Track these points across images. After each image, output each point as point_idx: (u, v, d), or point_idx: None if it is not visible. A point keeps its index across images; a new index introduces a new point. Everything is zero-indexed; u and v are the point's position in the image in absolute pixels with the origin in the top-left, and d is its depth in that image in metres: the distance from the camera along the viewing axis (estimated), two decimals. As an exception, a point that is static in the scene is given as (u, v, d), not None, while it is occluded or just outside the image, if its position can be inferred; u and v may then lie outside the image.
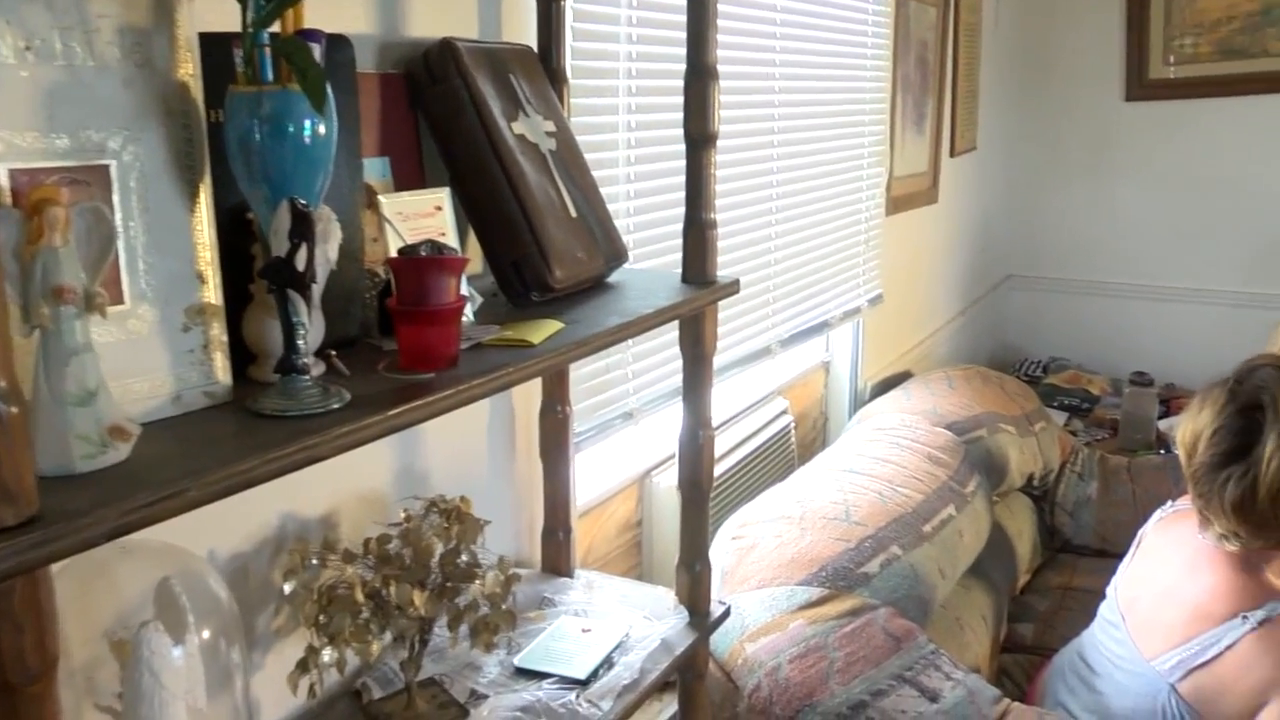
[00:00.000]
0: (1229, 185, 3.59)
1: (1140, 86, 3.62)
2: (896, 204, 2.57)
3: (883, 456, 2.00)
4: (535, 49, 1.24)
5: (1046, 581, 2.49)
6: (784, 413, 2.18)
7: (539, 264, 1.08)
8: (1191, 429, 1.48)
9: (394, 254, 0.87)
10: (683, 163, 1.17)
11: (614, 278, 1.24)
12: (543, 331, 0.96)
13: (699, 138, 1.17)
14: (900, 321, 2.81)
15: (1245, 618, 1.39)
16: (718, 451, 1.94)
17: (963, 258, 3.38)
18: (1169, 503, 1.69)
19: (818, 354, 2.48)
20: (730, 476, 1.95)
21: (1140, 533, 1.69)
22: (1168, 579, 1.54)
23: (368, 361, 0.86)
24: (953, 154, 3.05)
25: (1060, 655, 1.79)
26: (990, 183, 3.61)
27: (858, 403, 2.50)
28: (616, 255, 1.22)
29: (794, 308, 2.07)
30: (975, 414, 2.36)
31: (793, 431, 2.21)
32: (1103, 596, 1.70)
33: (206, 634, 0.81)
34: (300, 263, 0.73)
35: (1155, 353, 3.66)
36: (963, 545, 1.95)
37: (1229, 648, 1.40)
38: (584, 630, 1.20)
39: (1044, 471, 2.60)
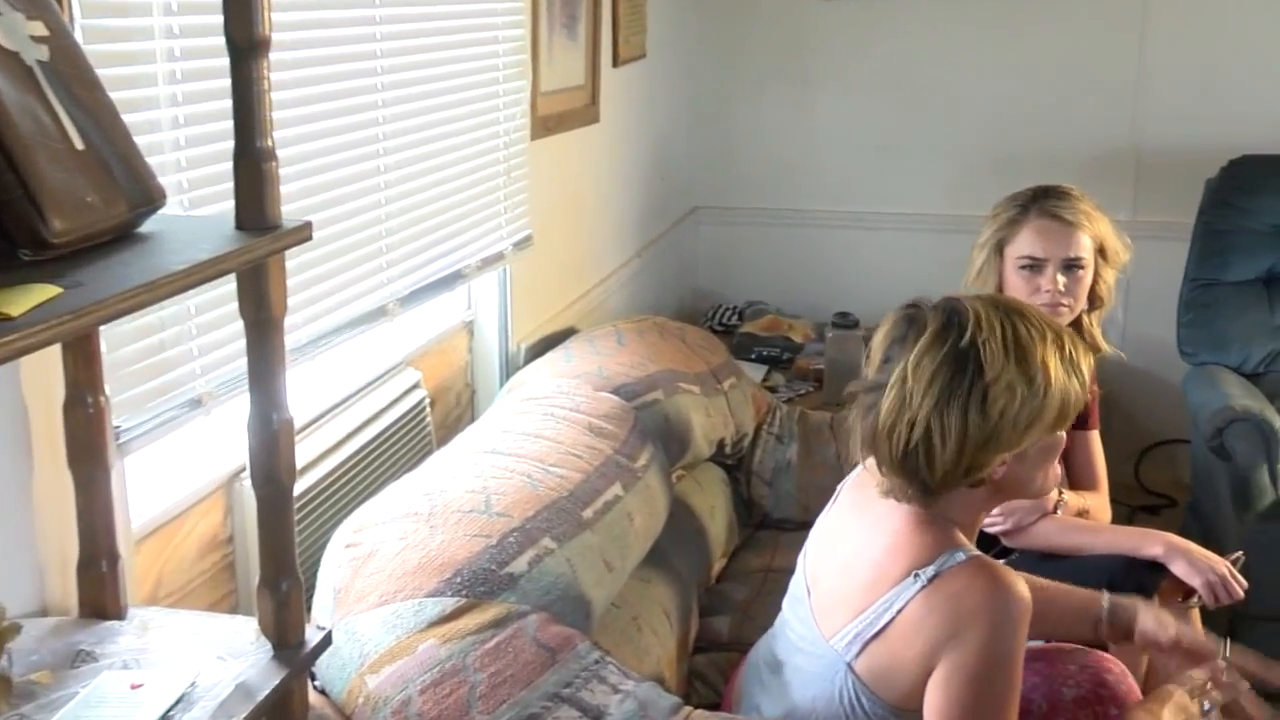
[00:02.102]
0: (933, 96, 3.98)
1: (838, -20, 3.92)
2: (545, 125, 2.65)
3: (533, 431, 2.08)
4: (17, -74, 1.18)
5: (745, 565, 2.68)
6: (416, 386, 2.22)
7: (27, 212, 1.04)
8: (871, 349, 1.67)
9: None
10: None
11: (147, 227, 1.21)
12: (27, 300, 0.93)
13: (244, 44, 1.16)
14: (560, 268, 2.91)
15: (917, 576, 1.57)
16: (329, 441, 1.95)
17: (637, 188, 3.54)
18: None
19: (458, 313, 2.52)
20: (347, 471, 1.96)
21: (837, 489, 1.86)
22: (854, 543, 1.70)
23: None
24: (616, 63, 3.17)
25: (756, 648, 1.95)
26: (666, 97, 3.79)
27: (510, 369, 2.57)
28: (147, 198, 1.19)
29: (416, 256, 2.10)
30: (649, 373, 2.50)
31: (429, 409, 2.25)
32: (787, 569, 1.86)
33: None
34: None
35: (861, 289, 4.01)
36: (634, 530, 2.07)
37: (900, 611, 1.57)
38: (133, 686, 1.17)
39: (737, 436, 2.79)
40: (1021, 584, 1.55)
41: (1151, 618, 1.84)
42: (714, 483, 2.74)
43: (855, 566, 1.66)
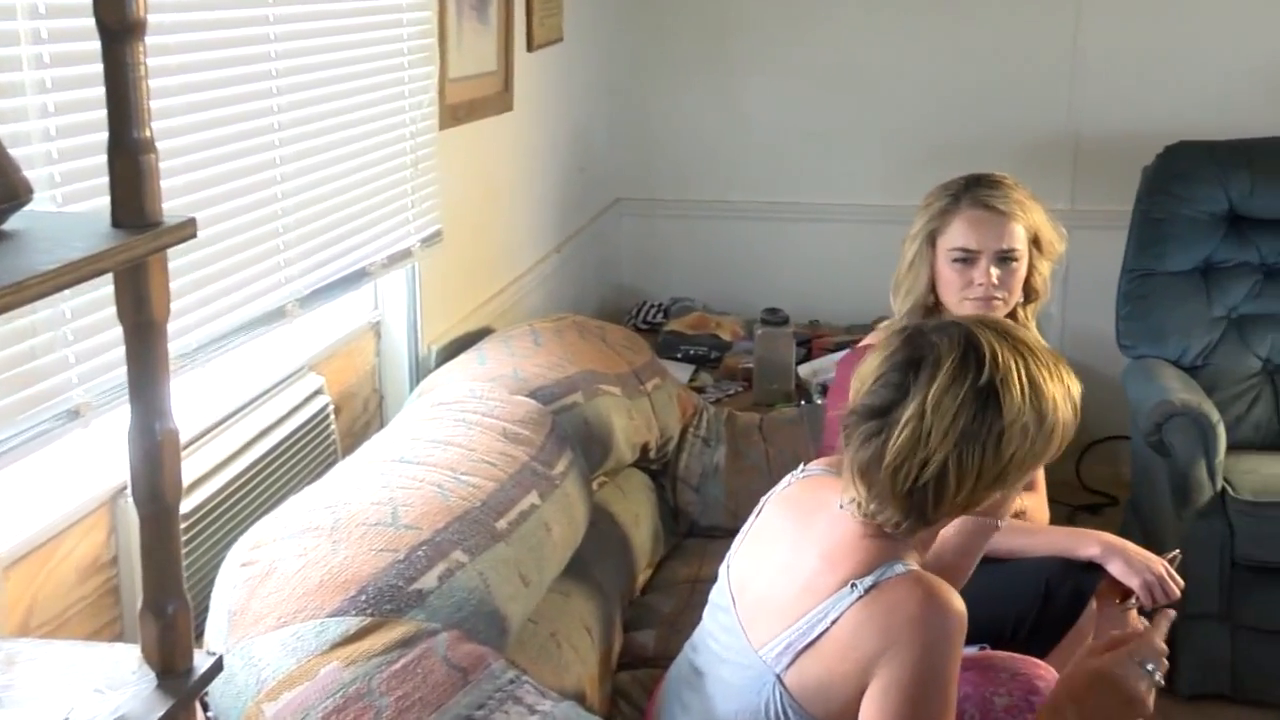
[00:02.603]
0: (866, 82, 4.02)
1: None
2: (455, 113, 2.63)
3: (444, 438, 2.06)
4: None
5: (672, 575, 2.68)
6: (318, 393, 2.19)
7: (-124, 210, 1.00)
8: (863, 370, 1.66)
9: None
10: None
11: (12, 224, 1.17)
12: (-126, 306, 0.90)
13: (117, 26, 1.14)
14: (473, 265, 2.90)
15: (854, 586, 1.58)
16: (224, 452, 1.92)
17: (554, 179, 3.53)
18: (800, 466, 1.86)
19: (363, 314, 2.51)
20: (244, 485, 1.93)
21: (764, 500, 1.86)
22: (788, 551, 1.71)
23: None
24: (531, 47, 3.16)
25: (676, 662, 1.94)
26: (585, 83, 3.79)
27: (420, 372, 2.56)
28: (10, 193, 1.16)
29: (317, 254, 2.08)
30: (568, 375, 2.49)
31: (333, 417, 2.23)
32: (715, 579, 1.86)
33: None
34: None
35: (791, 284, 4.04)
36: (552, 541, 2.06)
37: (835, 622, 1.58)
38: (-4, 727, 1.14)
39: (661, 440, 2.80)
40: (958, 598, 1.57)
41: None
42: (638, 489, 2.74)
43: (789, 574, 1.67)
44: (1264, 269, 3.41)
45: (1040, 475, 2.55)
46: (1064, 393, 1.61)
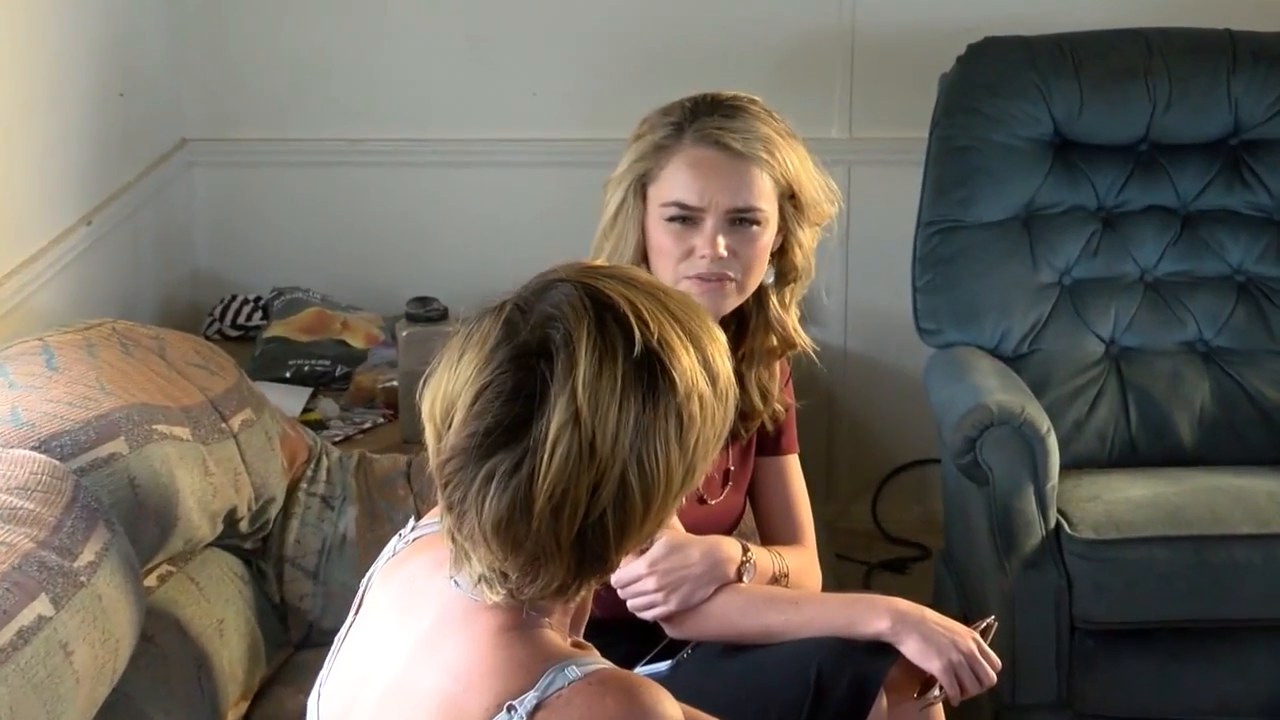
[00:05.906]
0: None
1: None
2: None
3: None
4: None
5: (279, 708, 2.65)
6: None
7: None
8: (445, 389, 1.61)
9: None
10: None
11: None
12: None
13: None
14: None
15: (511, 709, 1.56)
16: None
17: (78, 111, 3.44)
18: (410, 525, 1.85)
19: None
20: None
21: (363, 583, 1.85)
22: (397, 664, 1.69)
23: None
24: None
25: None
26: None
27: None
28: None
29: None
30: (103, 413, 2.41)
31: None
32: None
33: None
34: None
35: (449, 261, 4.04)
36: (74, 671, 1.99)
37: None
38: None
39: (257, 504, 2.74)
40: (667, 700, 1.58)
41: None
42: (222, 581, 2.69)
43: (408, 699, 1.65)
44: (1102, 214, 3.59)
45: (808, 521, 2.60)
46: (711, 331, 1.66)
